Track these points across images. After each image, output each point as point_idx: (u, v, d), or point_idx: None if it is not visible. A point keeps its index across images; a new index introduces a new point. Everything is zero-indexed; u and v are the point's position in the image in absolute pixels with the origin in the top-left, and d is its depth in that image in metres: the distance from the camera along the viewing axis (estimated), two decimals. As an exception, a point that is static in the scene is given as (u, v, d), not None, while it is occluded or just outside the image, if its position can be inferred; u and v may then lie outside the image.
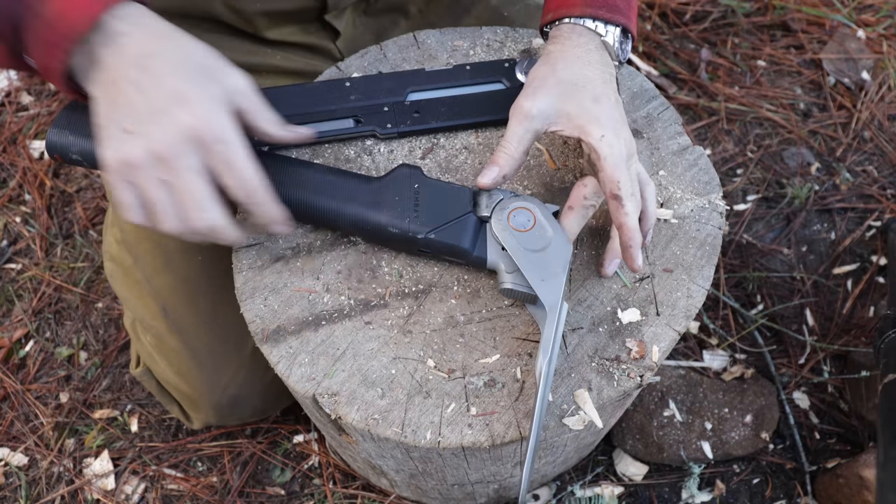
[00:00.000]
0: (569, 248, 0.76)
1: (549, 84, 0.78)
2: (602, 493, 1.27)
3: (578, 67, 0.79)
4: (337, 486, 1.28)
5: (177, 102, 0.66)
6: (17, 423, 1.36)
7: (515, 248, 0.76)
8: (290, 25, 1.04)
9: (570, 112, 0.77)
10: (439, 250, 0.79)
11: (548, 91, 0.77)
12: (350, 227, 0.80)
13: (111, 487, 1.30)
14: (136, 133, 0.66)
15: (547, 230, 0.76)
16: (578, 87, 0.77)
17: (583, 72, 0.78)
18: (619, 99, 0.80)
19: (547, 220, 0.77)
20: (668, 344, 0.78)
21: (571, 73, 0.78)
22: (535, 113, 0.77)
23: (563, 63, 0.79)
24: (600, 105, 0.77)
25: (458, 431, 0.74)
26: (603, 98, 0.77)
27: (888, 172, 1.63)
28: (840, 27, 1.82)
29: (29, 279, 1.52)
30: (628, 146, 0.76)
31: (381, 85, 0.91)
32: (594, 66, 0.79)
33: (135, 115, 0.67)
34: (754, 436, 1.29)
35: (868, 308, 1.45)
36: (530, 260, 0.75)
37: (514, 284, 0.76)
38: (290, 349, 0.78)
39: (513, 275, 0.76)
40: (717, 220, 0.86)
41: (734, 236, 1.54)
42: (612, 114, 0.77)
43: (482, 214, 0.78)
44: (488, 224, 0.78)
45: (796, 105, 1.73)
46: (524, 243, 0.76)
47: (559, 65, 0.79)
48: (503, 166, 0.77)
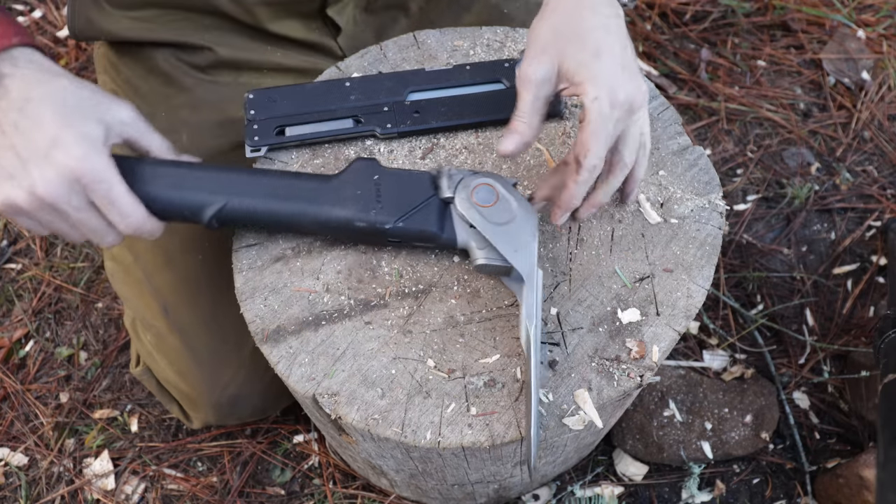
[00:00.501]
0: (535, 216, 0.78)
1: (548, 42, 0.74)
2: (602, 493, 1.27)
3: (578, 15, 0.74)
4: (337, 486, 1.28)
5: (55, 146, 0.68)
6: (17, 423, 1.36)
7: (483, 224, 0.77)
8: (291, 18, 1.04)
9: (570, 69, 0.73)
10: (409, 238, 0.79)
11: (548, 52, 0.74)
12: (315, 228, 0.79)
13: (111, 487, 1.30)
14: (15, 176, 0.68)
15: (511, 202, 0.78)
16: (578, 41, 0.73)
17: (583, 21, 0.74)
18: (625, 45, 0.74)
19: (510, 193, 0.78)
20: (668, 344, 0.78)
21: (571, 24, 0.74)
22: (539, 78, 0.74)
23: (562, 14, 0.75)
24: (601, 60, 0.72)
25: (458, 431, 0.74)
26: (605, 51, 0.73)
27: (888, 172, 1.63)
28: (840, 27, 1.82)
29: (29, 279, 1.52)
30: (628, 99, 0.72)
31: (381, 85, 0.91)
32: (595, 12, 0.75)
33: (16, 159, 0.68)
34: (754, 436, 1.29)
35: (868, 308, 1.45)
36: (499, 233, 0.76)
37: (487, 259, 0.77)
38: (290, 349, 0.78)
39: (484, 250, 0.77)
40: (717, 220, 0.86)
41: (734, 236, 1.54)
42: (613, 69, 0.72)
43: (445, 196, 0.78)
44: (452, 205, 0.79)
45: (796, 105, 1.73)
46: (491, 218, 0.77)
47: (557, 17, 0.75)
48: (523, 133, 0.76)
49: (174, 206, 0.76)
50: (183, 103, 1.06)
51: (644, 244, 0.84)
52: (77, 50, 1.82)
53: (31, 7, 1.93)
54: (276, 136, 0.89)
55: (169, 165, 0.77)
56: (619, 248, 0.84)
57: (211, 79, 1.06)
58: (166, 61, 1.06)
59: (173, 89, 1.06)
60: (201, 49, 1.05)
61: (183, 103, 1.06)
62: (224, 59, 1.05)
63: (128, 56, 1.08)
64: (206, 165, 0.79)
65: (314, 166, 0.89)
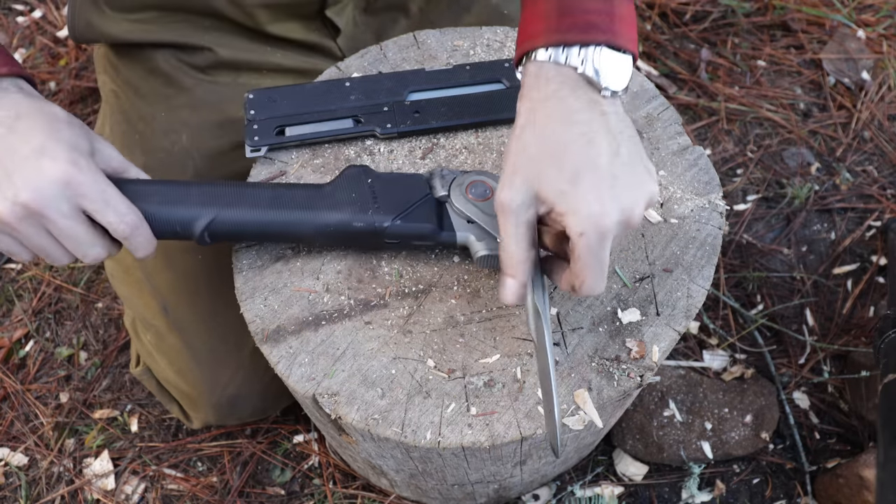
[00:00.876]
0: None
1: (522, 165, 0.66)
2: (602, 493, 1.27)
3: (549, 131, 0.65)
4: (337, 486, 1.28)
5: (41, 155, 0.69)
6: (17, 423, 1.36)
7: (482, 217, 0.78)
8: (290, 20, 1.04)
9: (548, 198, 0.65)
10: (408, 237, 0.79)
11: (523, 175, 0.65)
12: (312, 234, 0.79)
13: (111, 487, 1.30)
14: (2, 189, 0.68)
15: None
16: (553, 162, 0.64)
17: (556, 137, 0.65)
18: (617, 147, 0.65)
19: None
20: (668, 344, 0.78)
21: (543, 142, 0.65)
22: (516, 206, 0.66)
23: (532, 130, 0.66)
24: (580, 185, 0.63)
25: (458, 431, 0.74)
26: (584, 170, 0.64)
27: (888, 172, 1.63)
28: (840, 27, 1.82)
29: (29, 279, 1.51)
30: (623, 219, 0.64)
31: (381, 85, 0.91)
32: (570, 122, 0.65)
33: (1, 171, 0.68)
34: (754, 436, 1.29)
35: (868, 308, 1.45)
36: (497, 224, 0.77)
37: (489, 250, 0.78)
38: (290, 349, 0.78)
39: (483, 242, 0.78)
40: (717, 220, 0.86)
41: (734, 236, 1.54)
42: (597, 193, 0.63)
43: (440, 195, 0.80)
44: (447, 203, 0.79)
45: (796, 105, 1.73)
46: (488, 210, 0.78)
47: (527, 134, 0.66)
48: (517, 275, 0.68)
49: (164, 221, 0.76)
50: (183, 104, 1.06)
51: (644, 244, 0.84)
52: (77, 50, 1.82)
53: (31, 7, 1.93)
54: (276, 136, 0.89)
55: (156, 184, 0.78)
56: (619, 247, 0.84)
57: (211, 79, 1.06)
58: (166, 62, 1.06)
59: (173, 90, 1.06)
60: (201, 50, 1.05)
61: (183, 104, 1.06)
62: (224, 59, 1.05)
63: (128, 57, 1.09)
64: (195, 181, 0.80)
65: (314, 166, 0.89)
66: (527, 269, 0.68)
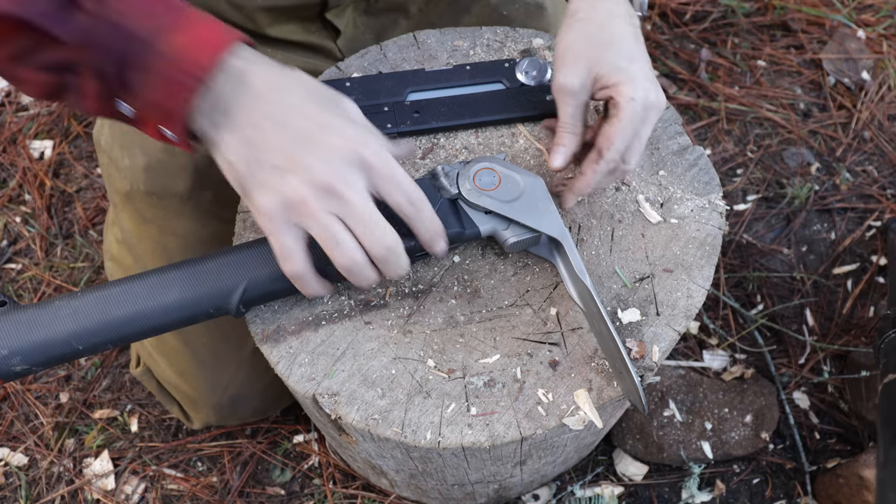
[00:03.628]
0: (540, 179, 0.79)
1: (584, 51, 0.76)
2: (602, 493, 1.27)
3: (608, 24, 0.77)
4: (337, 486, 1.28)
5: (323, 129, 0.64)
6: (17, 423, 1.36)
7: (498, 205, 0.77)
8: (291, 23, 1.04)
9: (606, 74, 0.75)
10: None
11: (584, 59, 0.76)
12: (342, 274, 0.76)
13: (111, 487, 1.30)
14: (290, 170, 0.63)
15: (514, 176, 0.78)
16: (613, 47, 0.76)
17: (613, 29, 0.76)
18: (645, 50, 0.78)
19: (509, 168, 0.78)
20: (668, 344, 0.78)
21: (602, 32, 0.76)
22: (577, 87, 0.76)
23: (592, 23, 0.77)
24: (635, 64, 0.76)
25: (458, 431, 0.74)
26: (637, 56, 0.76)
27: (888, 172, 1.63)
28: (840, 27, 1.82)
29: (29, 279, 1.52)
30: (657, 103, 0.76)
31: (381, 85, 0.91)
32: (623, 21, 0.77)
33: (283, 151, 0.63)
34: (754, 436, 1.29)
35: (868, 308, 1.45)
36: (516, 208, 0.77)
37: (517, 236, 0.77)
38: (290, 349, 0.78)
39: (509, 229, 0.78)
40: (717, 220, 0.86)
41: (734, 236, 1.54)
42: (647, 73, 0.76)
43: (451, 195, 0.78)
44: (459, 200, 0.78)
45: (796, 105, 1.73)
46: (502, 197, 0.77)
47: (590, 26, 0.77)
48: (568, 145, 0.78)
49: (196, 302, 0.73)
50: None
51: (644, 244, 0.84)
52: (77, 50, 1.82)
53: (31, 7, 1.93)
54: (276, 136, 0.88)
55: None
56: (619, 248, 0.84)
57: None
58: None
59: None
60: (201, 49, 1.05)
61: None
62: (224, 59, 1.05)
63: None
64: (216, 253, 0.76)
65: (314, 166, 0.89)
66: (579, 142, 0.78)
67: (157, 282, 0.72)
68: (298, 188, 0.63)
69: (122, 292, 0.71)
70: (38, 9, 0.59)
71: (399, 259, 0.68)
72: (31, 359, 0.69)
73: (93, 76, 0.63)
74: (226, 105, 0.64)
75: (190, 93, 0.62)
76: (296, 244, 0.66)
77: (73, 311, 0.70)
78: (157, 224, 1.06)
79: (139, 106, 0.64)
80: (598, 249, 0.84)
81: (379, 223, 0.65)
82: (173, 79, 0.62)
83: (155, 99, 0.63)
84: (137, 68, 0.62)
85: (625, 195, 0.87)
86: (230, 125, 0.64)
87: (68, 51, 0.61)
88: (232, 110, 0.64)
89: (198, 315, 0.73)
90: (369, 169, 0.65)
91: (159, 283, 0.72)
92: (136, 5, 0.61)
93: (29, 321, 0.69)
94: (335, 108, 0.66)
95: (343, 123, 0.65)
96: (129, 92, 0.64)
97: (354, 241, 0.65)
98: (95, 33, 0.61)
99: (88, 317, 0.70)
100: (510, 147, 0.90)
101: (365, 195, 0.65)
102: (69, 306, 0.70)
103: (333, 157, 0.63)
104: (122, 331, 0.71)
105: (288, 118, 0.64)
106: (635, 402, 0.73)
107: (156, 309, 0.72)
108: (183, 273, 0.73)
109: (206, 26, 0.63)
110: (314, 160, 0.63)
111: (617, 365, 0.73)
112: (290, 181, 0.63)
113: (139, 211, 1.06)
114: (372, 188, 0.66)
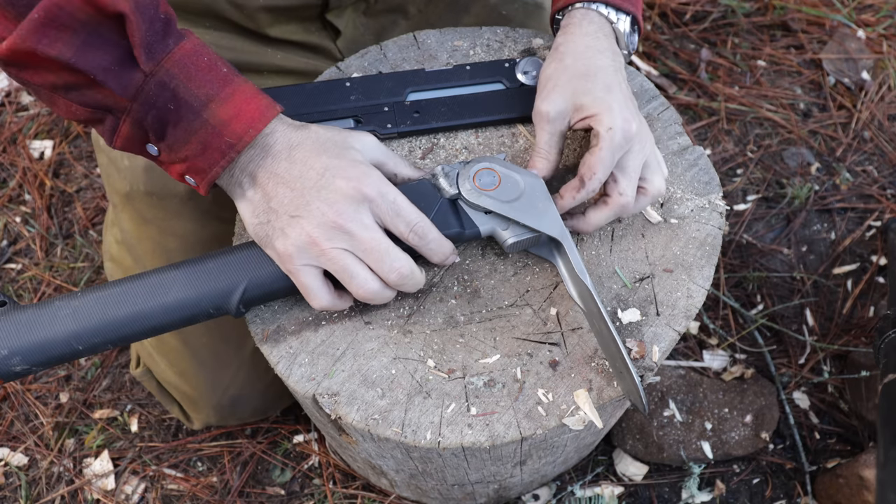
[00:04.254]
0: (540, 180, 0.79)
1: (562, 81, 0.79)
2: (602, 493, 1.27)
3: (589, 56, 0.79)
4: (337, 486, 1.28)
5: (329, 174, 0.70)
6: (17, 423, 1.36)
7: (498, 205, 0.77)
8: (291, 23, 1.04)
9: (584, 104, 0.78)
10: None
11: (561, 89, 0.79)
12: None
13: (111, 487, 1.30)
14: (302, 216, 0.69)
15: (514, 176, 0.78)
16: (590, 77, 0.78)
17: (593, 61, 0.79)
18: (628, 87, 0.81)
19: (508, 168, 0.79)
20: (668, 344, 0.78)
21: (582, 63, 0.79)
22: (553, 115, 0.79)
23: (573, 55, 0.80)
24: (612, 94, 0.77)
25: (458, 431, 0.74)
26: (615, 86, 0.78)
27: (888, 172, 1.63)
28: (840, 27, 1.82)
29: (29, 279, 1.52)
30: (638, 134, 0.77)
31: (381, 85, 0.91)
32: (604, 54, 0.80)
33: (295, 201, 0.69)
34: (754, 436, 1.29)
35: (868, 308, 1.45)
36: (516, 208, 0.77)
37: (516, 236, 0.77)
38: (290, 349, 0.78)
39: (509, 229, 0.78)
40: (717, 220, 0.86)
41: (734, 236, 1.54)
42: (625, 103, 0.77)
43: (451, 195, 0.78)
44: (460, 201, 0.78)
45: (796, 105, 1.73)
46: (502, 197, 0.77)
47: (568, 58, 0.80)
48: (541, 169, 0.80)
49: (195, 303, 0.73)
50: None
51: (644, 244, 0.84)
52: (77, 50, 1.82)
53: (31, 7, 1.93)
54: (276, 136, 0.89)
55: None
56: (619, 248, 0.84)
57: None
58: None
59: None
60: (202, 50, 1.05)
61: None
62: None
63: None
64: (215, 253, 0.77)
65: (314, 166, 0.89)
66: (551, 168, 0.81)
67: (157, 282, 0.72)
68: (310, 230, 0.69)
69: (122, 292, 0.72)
70: (101, 64, 0.64)
71: (414, 278, 0.73)
72: (31, 359, 0.69)
73: (132, 123, 0.68)
74: (252, 169, 0.71)
75: (225, 160, 0.69)
76: (315, 281, 0.72)
77: (73, 311, 0.70)
78: (156, 225, 1.06)
79: (171, 156, 0.70)
80: (598, 249, 0.84)
81: (389, 251, 0.71)
82: (212, 146, 0.68)
83: (190, 156, 0.69)
84: (180, 129, 0.68)
85: (625, 195, 0.87)
86: (252, 184, 0.72)
87: (115, 98, 0.67)
88: (256, 172, 0.71)
89: (198, 315, 0.73)
90: (372, 202, 0.70)
91: (159, 283, 0.72)
92: (190, 72, 0.67)
93: (29, 321, 0.69)
94: (341, 152, 0.72)
95: (347, 165, 0.71)
96: (165, 144, 0.70)
97: (368, 272, 0.71)
98: (147, 91, 0.66)
99: (88, 317, 0.70)
100: (510, 147, 0.90)
101: (373, 228, 0.70)
102: (69, 306, 0.70)
103: (338, 198, 0.69)
104: (122, 331, 0.71)
105: (297, 172, 0.70)
106: (636, 402, 0.73)
107: (156, 309, 0.72)
108: (183, 273, 0.73)
109: (252, 101, 0.69)
110: (320, 203, 0.69)
111: (617, 365, 0.73)
112: (302, 225, 0.69)
113: (139, 211, 1.06)
114: (378, 220, 0.71)
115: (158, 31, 0.66)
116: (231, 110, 0.68)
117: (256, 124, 0.69)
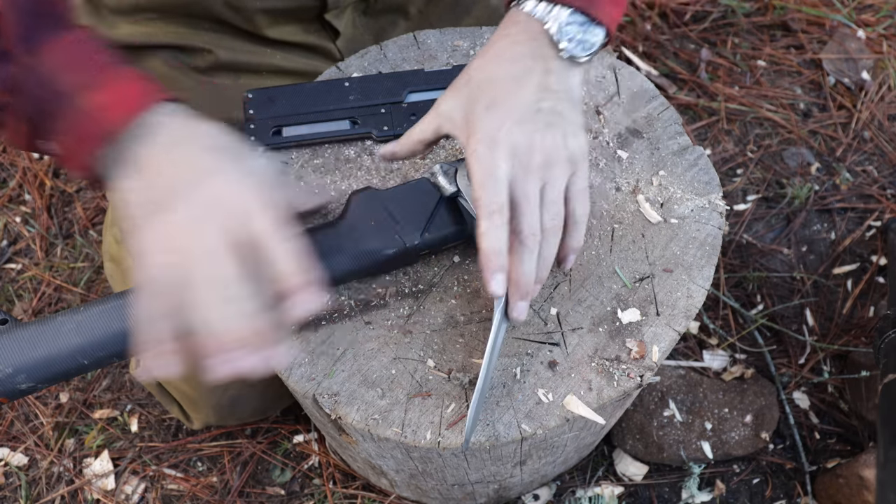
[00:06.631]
0: None
1: (460, 84, 0.73)
2: (602, 493, 1.27)
3: (491, 65, 0.72)
4: (337, 486, 1.28)
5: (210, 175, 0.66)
6: (17, 423, 1.36)
7: None
8: (290, 24, 1.04)
9: (457, 119, 0.72)
10: (437, 244, 0.79)
11: (456, 92, 0.73)
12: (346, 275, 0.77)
13: (111, 487, 1.30)
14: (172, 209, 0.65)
15: None
16: (480, 90, 0.71)
17: (492, 71, 0.71)
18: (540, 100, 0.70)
19: None
20: (668, 344, 0.78)
21: (481, 72, 0.72)
22: (440, 111, 0.74)
23: (480, 60, 0.73)
24: (490, 113, 0.69)
25: (459, 431, 0.74)
26: (501, 102, 0.69)
27: (888, 172, 1.63)
28: (840, 27, 1.82)
29: (29, 279, 1.52)
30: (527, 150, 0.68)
31: (379, 85, 0.91)
32: (511, 62, 0.71)
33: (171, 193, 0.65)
34: (754, 436, 1.29)
35: (868, 308, 1.45)
36: None
37: None
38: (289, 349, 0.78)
39: None
40: (717, 220, 0.86)
41: (734, 236, 1.54)
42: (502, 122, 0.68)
43: (450, 193, 0.77)
44: (460, 198, 0.78)
45: (796, 105, 1.73)
46: None
47: (475, 62, 0.73)
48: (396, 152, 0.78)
49: None
50: (183, 105, 1.06)
51: (644, 244, 0.84)
52: (77, 50, 1.82)
53: (31, 7, 1.93)
54: (273, 136, 0.89)
55: None
56: (619, 248, 0.84)
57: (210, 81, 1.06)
58: (166, 63, 1.06)
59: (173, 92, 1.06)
60: (201, 51, 1.05)
61: (183, 105, 1.06)
62: (223, 61, 1.05)
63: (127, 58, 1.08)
64: None
65: (314, 166, 0.89)
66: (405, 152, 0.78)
67: None
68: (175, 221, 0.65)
69: (126, 305, 0.71)
70: None
71: None
72: (36, 376, 0.68)
73: (16, 118, 0.67)
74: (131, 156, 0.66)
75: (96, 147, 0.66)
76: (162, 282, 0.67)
77: (76, 325, 0.69)
78: (156, 224, 1.06)
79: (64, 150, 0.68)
80: (598, 249, 0.84)
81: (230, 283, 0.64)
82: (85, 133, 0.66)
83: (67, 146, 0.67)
84: (56, 118, 0.66)
85: (625, 195, 0.87)
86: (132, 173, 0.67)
87: None
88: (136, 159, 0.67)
89: None
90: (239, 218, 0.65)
91: None
92: (66, 61, 0.66)
93: (32, 338, 0.68)
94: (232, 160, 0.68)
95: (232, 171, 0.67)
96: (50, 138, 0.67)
97: None
98: (25, 83, 0.65)
99: (92, 331, 0.69)
100: (510, 147, 0.90)
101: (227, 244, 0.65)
102: (72, 321, 0.69)
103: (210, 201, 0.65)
104: (128, 343, 0.70)
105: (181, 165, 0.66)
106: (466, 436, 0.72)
107: None
108: None
109: (128, 85, 0.67)
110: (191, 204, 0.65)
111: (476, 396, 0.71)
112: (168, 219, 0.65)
113: (139, 211, 1.06)
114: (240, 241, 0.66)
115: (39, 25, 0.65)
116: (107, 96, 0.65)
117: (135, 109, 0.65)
